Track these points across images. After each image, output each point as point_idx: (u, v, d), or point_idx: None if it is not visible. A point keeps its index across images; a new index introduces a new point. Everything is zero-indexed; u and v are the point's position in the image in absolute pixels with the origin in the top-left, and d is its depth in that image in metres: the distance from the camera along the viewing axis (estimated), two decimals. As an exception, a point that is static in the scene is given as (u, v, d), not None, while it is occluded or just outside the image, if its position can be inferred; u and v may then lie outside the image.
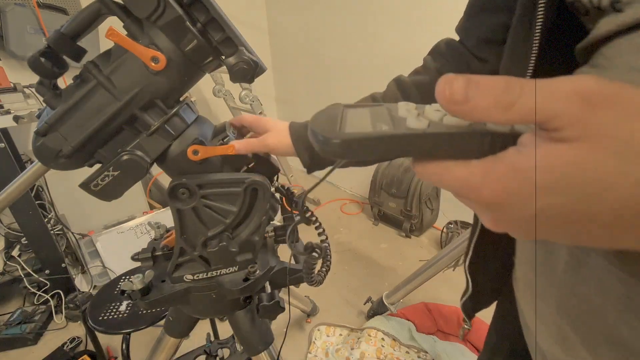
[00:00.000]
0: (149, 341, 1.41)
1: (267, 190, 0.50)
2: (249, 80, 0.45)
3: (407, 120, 0.20)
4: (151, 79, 0.42)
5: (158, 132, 0.45)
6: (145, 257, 0.59)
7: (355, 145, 0.19)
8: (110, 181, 0.45)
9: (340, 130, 0.20)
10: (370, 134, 0.19)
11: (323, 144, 0.19)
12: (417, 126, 0.19)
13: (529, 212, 0.16)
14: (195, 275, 0.54)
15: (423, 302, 1.51)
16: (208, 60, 0.45)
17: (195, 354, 1.08)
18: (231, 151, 0.48)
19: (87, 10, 0.41)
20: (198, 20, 0.42)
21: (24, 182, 0.60)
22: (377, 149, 0.19)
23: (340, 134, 0.19)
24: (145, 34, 0.41)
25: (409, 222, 2.06)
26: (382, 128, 0.20)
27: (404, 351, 1.30)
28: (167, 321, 0.73)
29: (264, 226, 0.53)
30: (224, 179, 0.49)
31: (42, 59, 0.41)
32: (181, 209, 0.49)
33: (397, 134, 0.19)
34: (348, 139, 0.19)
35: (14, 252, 1.61)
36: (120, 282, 1.10)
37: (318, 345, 1.40)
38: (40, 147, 0.43)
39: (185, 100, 0.50)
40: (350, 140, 0.19)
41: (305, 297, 1.51)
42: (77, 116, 0.43)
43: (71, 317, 1.56)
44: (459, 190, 0.19)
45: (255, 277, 0.54)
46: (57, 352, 1.38)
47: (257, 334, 0.65)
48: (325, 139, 0.19)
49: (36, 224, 1.46)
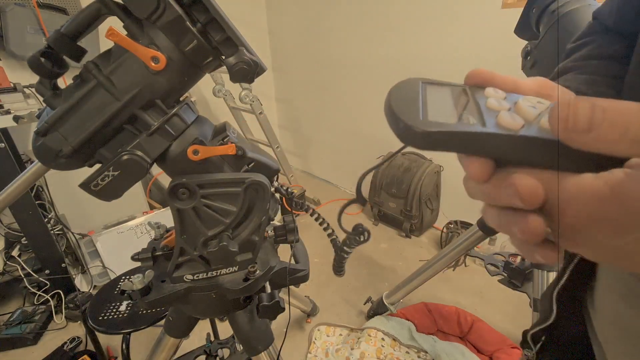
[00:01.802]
0: (149, 341, 1.41)
1: (267, 190, 0.50)
2: (249, 80, 0.45)
3: (499, 116, 0.18)
4: (151, 79, 0.42)
5: (158, 132, 0.45)
6: (145, 257, 0.59)
7: (440, 139, 0.17)
8: (110, 181, 0.45)
9: (424, 117, 0.18)
10: (458, 130, 0.17)
11: (404, 131, 0.18)
12: (511, 126, 0.17)
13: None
14: (195, 275, 0.54)
15: (423, 302, 1.51)
16: (208, 60, 0.45)
17: (195, 354, 1.08)
18: (231, 151, 0.48)
19: (87, 10, 0.41)
20: (198, 20, 0.42)
21: (24, 182, 0.60)
22: (462, 146, 0.17)
23: (424, 124, 0.17)
24: (145, 34, 0.41)
25: (409, 222, 2.06)
26: (469, 120, 0.18)
27: (404, 351, 1.30)
28: (167, 321, 0.73)
29: (264, 226, 0.53)
30: (224, 179, 0.49)
31: (42, 59, 0.42)
32: (181, 209, 0.49)
33: (487, 133, 0.17)
34: (433, 132, 0.17)
35: (14, 252, 1.61)
36: (120, 282, 1.10)
37: (318, 345, 1.40)
38: (40, 147, 0.43)
39: (185, 100, 0.50)
40: (435, 133, 0.17)
41: (305, 297, 1.51)
42: (77, 116, 0.43)
43: (71, 317, 1.56)
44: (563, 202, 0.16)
45: (255, 277, 0.54)
46: (57, 352, 1.38)
47: (257, 334, 0.65)
48: (406, 127, 0.17)
49: (36, 224, 1.46)
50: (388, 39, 2.03)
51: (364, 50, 2.18)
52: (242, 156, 0.50)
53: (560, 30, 0.73)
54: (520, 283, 1.06)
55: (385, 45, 2.06)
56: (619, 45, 0.36)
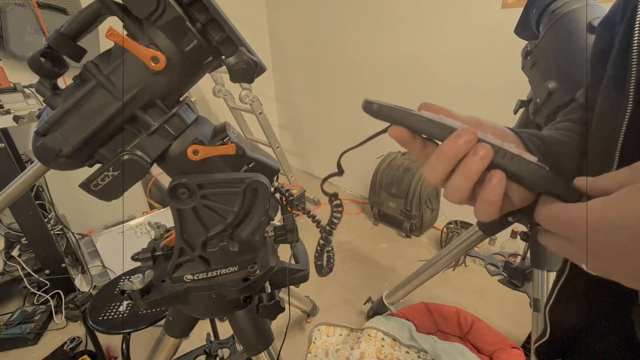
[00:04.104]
0: (149, 341, 1.41)
1: (267, 190, 0.50)
2: (249, 80, 0.45)
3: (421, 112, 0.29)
4: (151, 78, 0.42)
5: (158, 132, 0.45)
6: (145, 257, 0.59)
7: (385, 113, 0.29)
8: (110, 181, 0.45)
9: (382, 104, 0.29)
10: (399, 109, 0.28)
11: (366, 105, 0.29)
12: (426, 115, 0.28)
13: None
14: (195, 275, 0.54)
15: (423, 302, 1.51)
16: (208, 60, 0.45)
17: (195, 354, 1.08)
18: (231, 151, 0.48)
19: (87, 10, 0.41)
20: (198, 20, 0.42)
21: (24, 182, 0.60)
22: (398, 120, 0.28)
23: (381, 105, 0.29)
24: (145, 34, 0.41)
25: (409, 222, 2.06)
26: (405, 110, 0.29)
27: (404, 351, 1.30)
28: (167, 321, 0.73)
29: (264, 226, 0.53)
30: (224, 178, 0.48)
31: (42, 59, 0.42)
32: (181, 209, 0.49)
33: (413, 113, 0.28)
34: (383, 106, 0.29)
35: (14, 252, 1.61)
36: (120, 282, 1.10)
37: (318, 345, 1.40)
38: (40, 147, 0.43)
39: (185, 100, 0.50)
40: (384, 107, 0.29)
41: (305, 297, 1.51)
42: (77, 116, 0.43)
43: (71, 317, 1.56)
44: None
45: (255, 277, 0.54)
46: (57, 352, 1.38)
47: (257, 334, 0.65)
48: (367, 103, 0.29)
49: (36, 224, 1.46)
50: (388, 38, 2.03)
51: (363, 50, 2.18)
52: (242, 156, 0.50)
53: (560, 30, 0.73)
54: (520, 283, 1.06)
55: (385, 45, 2.06)
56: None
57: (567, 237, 0.23)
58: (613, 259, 0.21)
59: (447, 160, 0.27)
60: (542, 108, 0.74)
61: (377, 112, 0.29)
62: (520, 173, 0.25)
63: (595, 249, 0.21)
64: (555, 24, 0.73)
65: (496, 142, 0.26)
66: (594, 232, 0.21)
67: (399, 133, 0.29)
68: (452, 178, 0.27)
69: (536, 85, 0.80)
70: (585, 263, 0.23)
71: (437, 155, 0.27)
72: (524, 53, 0.85)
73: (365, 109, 0.29)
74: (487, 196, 0.26)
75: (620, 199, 0.20)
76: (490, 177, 0.26)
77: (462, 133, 0.26)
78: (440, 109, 0.30)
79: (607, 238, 0.20)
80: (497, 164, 0.25)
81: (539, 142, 0.34)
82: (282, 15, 2.65)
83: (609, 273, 0.22)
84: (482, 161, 0.25)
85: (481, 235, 1.08)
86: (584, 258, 0.22)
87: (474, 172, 0.26)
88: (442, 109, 0.30)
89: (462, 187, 0.27)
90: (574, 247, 0.23)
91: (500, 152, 0.25)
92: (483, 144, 0.25)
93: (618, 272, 0.21)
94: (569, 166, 0.34)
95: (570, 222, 0.23)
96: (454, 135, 0.26)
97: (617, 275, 0.22)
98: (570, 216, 0.23)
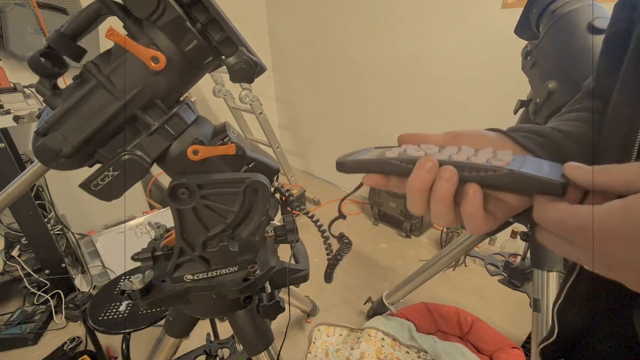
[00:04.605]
0: (149, 341, 1.41)
1: (267, 190, 0.50)
2: (249, 80, 0.45)
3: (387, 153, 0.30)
4: (151, 79, 0.42)
5: (158, 132, 0.45)
6: (145, 257, 0.59)
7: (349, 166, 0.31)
8: (110, 181, 0.45)
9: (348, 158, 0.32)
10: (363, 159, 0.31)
11: (339, 164, 0.32)
12: (390, 155, 0.30)
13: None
14: (195, 275, 0.54)
15: (423, 302, 1.51)
16: (208, 60, 0.45)
17: (195, 354, 1.08)
18: (231, 151, 0.48)
19: (87, 10, 0.41)
20: (198, 20, 0.42)
21: (24, 182, 0.60)
22: (366, 169, 0.30)
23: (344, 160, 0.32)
24: (145, 34, 0.41)
25: (409, 222, 2.06)
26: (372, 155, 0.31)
27: (404, 351, 1.30)
28: (167, 321, 0.73)
29: (264, 226, 0.53)
30: (224, 179, 0.48)
31: (42, 59, 0.41)
32: (181, 209, 0.49)
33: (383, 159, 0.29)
34: (344, 162, 0.31)
35: (14, 252, 1.61)
36: (120, 282, 1.10)
37: (318, 345, 1.40)
38: (40, 147, 0.43)
39: (185, 100, 0.50)
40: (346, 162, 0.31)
41: (305, 297, 1.51)
42: (77, 116, 0.43)
43: (71, 317, 1.56)
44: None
45: (255, 277, 0.54)
46: (57, 352, 1.38)
47: (257, 334, 0.65)
48: (339, 164, 0.32)
49: (36, 224, 1.46)
50: (388, 38, 2.03)
51: (363, 50, 2.18)
52: (242, 156, 0.50)
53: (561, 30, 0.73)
54: (520, 283, 1.06)
55: (385, 45, 2.06)
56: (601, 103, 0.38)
57: (575, 243, 0.22)
58: (629, 270, 0.19)
59: (418, 193, 0.27)
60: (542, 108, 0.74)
61: (349, 168, 0.31)
62: (492, 181, 0.25)
63: (609, 259, 0.20)
64: (555, 24, 0.73)
65: (468, 153, 0.27)
66: (609, 242, 0.19)
67: (373, 181, 0.30)
68: (430, 206, 0.28)
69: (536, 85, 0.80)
70: (592, 268, 0.21)
71: (409, 191, 0.28)
72: (524, 53, 0.85)
73: (339, 169, 0.32)
74: (467, 210, 0.26)
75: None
76: (466, 191, 0.26)
77: (422, 163, 0.26)
78: (416, 136, 0.31)
79: (626, 249, 0.19)
80: (467, 178, 0.26)
81: (538, 138, 0.32)
82: (282, 15, 2.65)
83: (619, 278, 0.20)
84: (449, 183, 0.25)
85: (481, 235, 1.08)
86: (591, 263, 0.21)
87: (445, 195, 0.26)
88: (418, 136, 0.31)
89: (442, 212, 0.27)
90: (581, 252, 0.22)
91: (466, 167, 0.26)
92: (446, 167, 0.26)
93: (630, 279, 0.20)
94: (577, 157, 0.32)
95: (581, 230, 0.20)
96: (415, 168, 0.27)
97: (629, 282, 0.20)
98: (581, 223, 0.20)
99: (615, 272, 0.20)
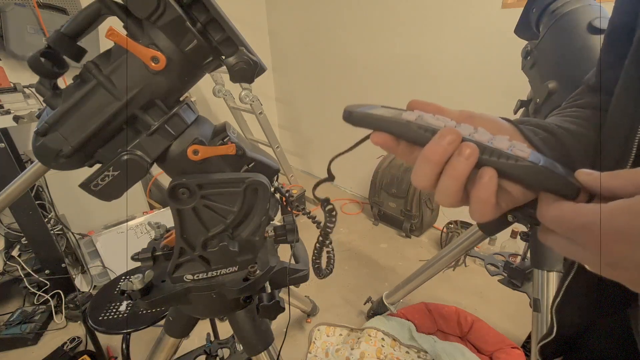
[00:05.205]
0: (149, 341, 1.41)
1: (267, 190, 0.50)
2: (249, 80, 0.45)
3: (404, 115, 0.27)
4: (151, 79, 0.42)
5: (158, 132, 0.45)
6: (145, 257, 0.59)
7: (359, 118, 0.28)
8: (110, 181, 0.45)
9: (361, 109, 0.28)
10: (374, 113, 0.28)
11: (344, 114, 0.28)
12: (409, 118, 0.27)
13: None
14: (196, 275, 0.54)
15: (423, 302, 1.51)
16: (208, 60, 0.45)
17: (195, 354, 1.08)
18: (231, 151, 0.48)
19: (87, 10, 0.41)
20: (198, 20, 0.42)
21: (24, 182, 0.60)
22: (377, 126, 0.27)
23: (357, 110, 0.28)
24: (145, 34, 0.41)
25: (409, 222, 2.06)
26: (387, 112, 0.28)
27: (404, 351, 1.30)
28: (167, 321, 0.73)
29: (264, 226, 0.53)
30: (224, 178, 0.49)
31: (42, 59, 0.41)
32: (181, 209, 0.49)
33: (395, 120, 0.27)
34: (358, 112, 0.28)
35: (14, 252, 1.61)
36: (120, 282, 1.10)
37: (318, 345, 1.40)
38: (40, 147, 0.43)
39: (185, 100, 0.50)
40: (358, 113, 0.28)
41: (305, 297, 1.51)
42: (77, 116, 0.43)
43: (71, 317, 1.56)
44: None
45: (255, 277, 0.54)
46: (57, 352, 1.38)
47: (257, 334, 0.65)
48: (347, 112, 0.28)
49: (36, 224, 1.46)
50: (388, 38, 2.03)
51: (363, 50, 2.18)
52: (242, 156, 0.50)
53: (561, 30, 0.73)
54: (520, 283, 1.06)
55: (385, 45, 2.06)
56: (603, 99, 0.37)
57: (578, 242, 0.22)
58: (632, 270, 0.19)
59: (432, 164, 0.25)
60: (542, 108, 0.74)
61: (358, 120, 0.28)
62: (511, 170, 0.24)
63: (612, 258, 0.20)
64: (555, 24, 0.73)
65: (486, 136, 0.25)
66: (613, 241, 0.19)
67: (382, 140, 0.28)
68: (440, 181, 0.26)
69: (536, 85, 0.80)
70: (598, 267, 0.21)
71: (421, 160, 0.26)
72: (524, 53, 0.85)
73: (345, 118, 0.28)
74: (479, 195, 0.24)
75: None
76: (481, 175, 0.24)
77: (445, 133, 0.24)
78: (430, 105, 0.28)
79: (630, 247, 0.18)
80: (486, 162, 0.24)
81: (546, 135, 0.32)
82: (282, 15, 2.65)
83: (621, 278, 0.20)
84: (468, 161, 0.24)
85: (481, 235, 1.08)
86: (596, 263, 0.21)
87: (460, 173, 0.24)
88: (432, 106, 0.28)
89: (451, 190, 0.25)
90: (585, 252, 0.21)
91: (487, 150, 0.24)
92: (468, 143, 0.24)
93: (632, 279, 0.20)
94: (582, 159, 0.32)
95: (585, 228, 0.20)
96: (436, 137, 0.25)
97: (631, 282, 0.20)
98: (586, 221, 0.20)
99: (618, 271, 0.20)
